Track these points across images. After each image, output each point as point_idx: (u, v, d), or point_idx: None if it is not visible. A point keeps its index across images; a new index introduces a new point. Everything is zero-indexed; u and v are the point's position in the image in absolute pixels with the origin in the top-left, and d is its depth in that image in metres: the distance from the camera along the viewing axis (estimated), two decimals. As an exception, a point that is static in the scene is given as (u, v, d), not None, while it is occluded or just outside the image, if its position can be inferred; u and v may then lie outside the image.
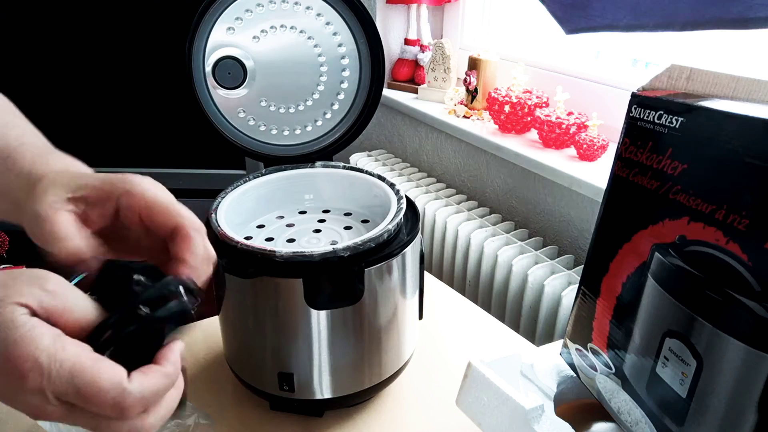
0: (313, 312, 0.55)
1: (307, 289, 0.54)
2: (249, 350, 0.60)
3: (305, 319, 0.55)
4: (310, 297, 0.54)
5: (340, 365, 0.59)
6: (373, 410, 0.66)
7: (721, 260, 0.38)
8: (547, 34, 1.33)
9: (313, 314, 0.55)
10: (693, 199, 0.40)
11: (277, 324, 0.57)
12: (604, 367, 0.51)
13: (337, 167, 0.71)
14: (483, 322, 0.82)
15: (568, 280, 1.09)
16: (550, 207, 1.24)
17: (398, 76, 1.68)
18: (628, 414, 0.48)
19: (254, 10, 0.68)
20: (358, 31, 0.71)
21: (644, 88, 0.47)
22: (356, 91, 0.74)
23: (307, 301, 0.54)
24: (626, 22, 0.92)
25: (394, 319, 0.60)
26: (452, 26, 1.63)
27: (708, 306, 0.39)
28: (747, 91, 0.41)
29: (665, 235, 0.43)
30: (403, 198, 0.62)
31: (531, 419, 0.47)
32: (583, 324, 0.53)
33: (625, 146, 0.47)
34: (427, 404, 0.67)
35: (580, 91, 1.24)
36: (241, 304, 0.58)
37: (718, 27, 0.80)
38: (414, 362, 0.68)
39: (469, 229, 1.26)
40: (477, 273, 1.25)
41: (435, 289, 0.89)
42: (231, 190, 0.65)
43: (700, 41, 1.04)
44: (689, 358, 0.41)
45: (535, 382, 0.58)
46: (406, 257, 0.59)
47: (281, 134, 0.74)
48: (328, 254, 0.52)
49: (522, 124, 1.29)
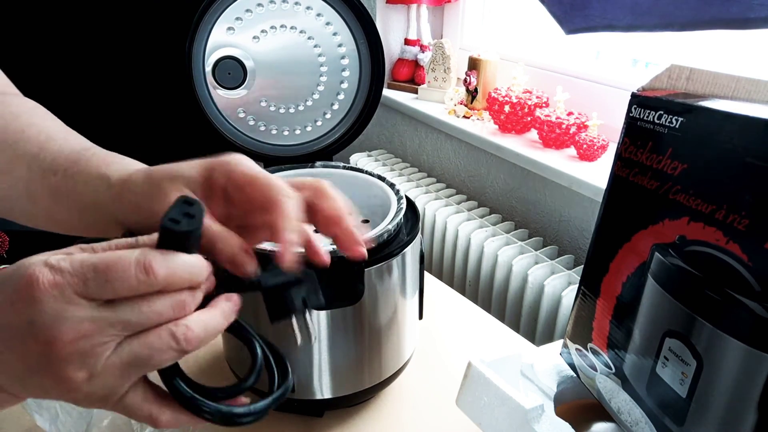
0: (313, 312, 0.55)
1: (307, 289, 0.54)
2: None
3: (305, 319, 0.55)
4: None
5: (340, 365, 0.59)
6: (373, 410, 0.66)
7: (721, 260, 0.38)
8: (546, 34, 1.33)
9: (313, 314, 0.55)
10: (693, 199, 0.40)
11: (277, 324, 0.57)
12: (604, 367, 0.51)
13: (337, 167, 0.71)
14: (483, 322, 0.82)
15: (568, 280, 1.09)
16: (550, 207, 1.24)
17: (398, 76, 1.68)
18: (628, 414, 0.48)
19: (254, 10, 0.68)
20: (358, 31, 0.71)
21: (644, 88, 0.47)
22: (356, 91, 0.74)
23: (307, 301, 0.54)
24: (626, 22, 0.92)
25: (394, 319, 0.60)
26: (452, 26, 1.63)
27: (708, 306, 0.39)
28: (747, 91, 0.41)
29: (665, 235, 0.43)
30: (403, 198, 0.62)
31: (531, 419, 0.47)
32: (583, 324, 0.53)
33: (625, 146, 0.47)
34: (427, 404, 0.67)
35: (580, 91, 1.24)
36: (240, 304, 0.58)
37: (718, 27, 0.80)
38: (414, 362, 0.68)
39: (469, 229, 1.26)
40: (477, 273, 1.25)
41: (435, 289, 0.89)
42: (231, 190, 0.65)
43: (700, 41, 1.04)
44: (689, 358, 0.41)
45: (535, 382, 0.57)
46: (406, 257, 0.59)
47: (281, 134, 0.74)
48: (328, 254, 0.52)
49: (522, 124, 1.29)
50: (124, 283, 0.28)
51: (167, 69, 1.55)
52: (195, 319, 0.31)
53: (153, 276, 0.29)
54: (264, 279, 0.36)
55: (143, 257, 0.29)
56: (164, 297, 0.30)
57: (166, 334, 0.30)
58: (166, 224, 0.30)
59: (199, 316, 0.31)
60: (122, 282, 0.28)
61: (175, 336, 0.30)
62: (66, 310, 0.27)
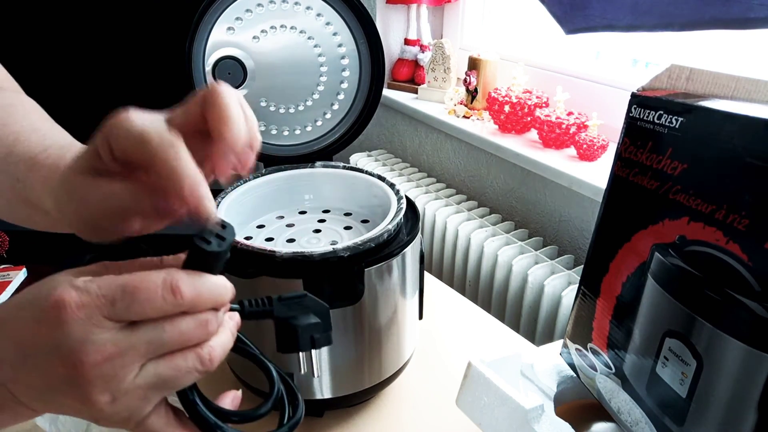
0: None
1: (307, 289, 0.54)
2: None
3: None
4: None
5: (340, 365, 0.59)
6: (373, 410, 0.66)
7: (721, 260, 0.38)
8: (546, 34, 1.33)
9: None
10: (693, 199, 0.40)
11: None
12: (604, 367, 0.51)
13: (337, 167, 0.71)
14: (483, 322, 0.82)
15: (568, 280, 1.09)
16: (550, 207, 1.24)
17: (398, 76, 1.68)
18: (628, 414, 0.48)
19: (254, 10, 0.68)
20: (358, 31, 0.71)
21: (644, 88, 0.47)
22: (356, 91, 0.74)
23: (307, 301, 0.54)
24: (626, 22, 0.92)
25: (394, 319, 0.60)
26: (452, 26, 1.63)
27: (708, 306, 0.39)
28: (747, 91, 0.41)
29: (665, 235, 0.43)
30: (403, 198, 0.62)
31: (531, 419, 0.47)
32: (583, 324, 0.53)
33: (625, 146, 0.47)
34: (427, 404, 0.67)
35: (580, 91, 1.24)
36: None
37: (718, 27, 0.80)
38: (414, 362, 0.68)
39: (469, 229, 1.26)
40: (477, 273, 1.25)
41: (435, 289, 0.89)
42: (231, 190, 0.65)
43: (700, 41, 1.04)
44: (689, 358, 0.41)
45: (535, 382, 0.57)
46: (406, 257, 0.59)
47: (281, 134, 0.74)
48: (328, 254, 0.52)
49: (522, 124, 1.29)
50: (151, 305, 0.28)
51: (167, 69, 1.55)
52: (217, 340, 0.31)
53: (180, 297, 0.29)
54: (278, 309, 0.36)
55: (170, 278, 0.29)
56: (188, 318, 0.30)
57: (192, 356, 0.30)
58: (197, 243, 0.30)
59: (219, 337, 0.32)
60: (149, 303, 0.28)
61: (201, 357, 0.30)
62: (92, 332, 0.27)
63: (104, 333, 0.27)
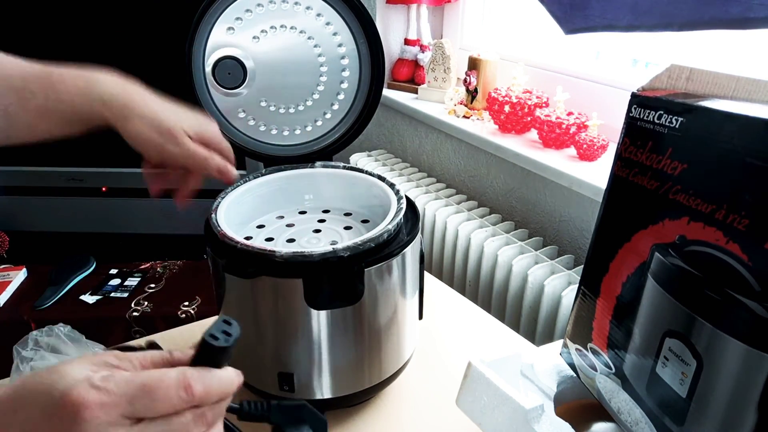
0: (313, 312, 0.55)
1: (307, 289, 0.54)
2: (249, 350, 0.60)
3: (305, 319, 0.55)
4: (310, 297, 0.54)
5: (340, 365, 0.59)
6: (373, 410, 0.66)
7: (721, 260, 0.38)
8: (546, 34, 1.33)
9: (313, 314, 0.55)
10: (693, 199, 0.40)
11: (277, 324, 0.57)
12: (604, 367, 0.51)
13: (337, 167, 0.71)
14: (483, 322, 0.82)
15: (568, 280, 1.09)
16: (550, 207, 1.24)
17: (398, 76, 1.68)
18: (628, 414, 0.48)
19: (254, 10, 0.68)
20: (358, 31, 0.71)
21: (644, 88, 0.47)
22: (356, 91, 0.74)
23: (307, 301, 0.54)
24: (625, 22, 0.92)
25: (394, 319, 0.60)
26: (452, 26, 1.63)
27: (708, 306, 0.39)
28: (747, 91, 0.41)
29: (665, 235, 0.43)
30: (403, 198, 0.62)
31: (531, 419, 0.47)
32: (583, 324, 0.53)
33: (625, 146, 0.47)
34: (427, 404, 0.67)
35: (580, 91, 1.24)
36: (241, 304, 0.58)
37: (717, 27, 0.80)
38: (414, 362, 0.68)
39: (469, 229, 1.26)
40: (477, 273, 1.25)
41: (435, 289, 0.89)
42: (231, 190, 0.65)
43: (700, 41, 1.04)
44: (689, 358, 0.41)
45: (535, 382, 0.57)
46: (406, 257, 0.59)
47: (281, 134, 0.74)
48: (328, 254, 0.52)
49: (522, 124, 1.29)
50: (167, 403, 0.30)
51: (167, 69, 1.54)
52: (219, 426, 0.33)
53: (191, 395, 0.31)
54: (275, 416, 0.38)
55: (183, 377, 0.31)
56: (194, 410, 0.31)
57: None
58: (206, 339, 0.33)
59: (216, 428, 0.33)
60: (165, 402, 0.30)
61: None
62: (108, 430, 0.28)
63: (119, 429, 0.29)
